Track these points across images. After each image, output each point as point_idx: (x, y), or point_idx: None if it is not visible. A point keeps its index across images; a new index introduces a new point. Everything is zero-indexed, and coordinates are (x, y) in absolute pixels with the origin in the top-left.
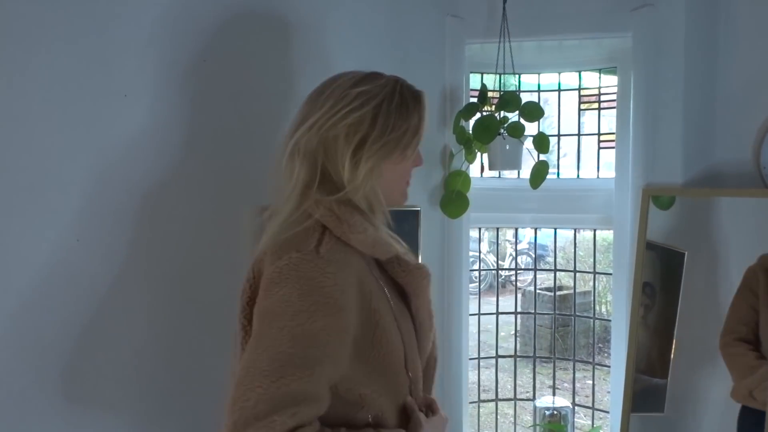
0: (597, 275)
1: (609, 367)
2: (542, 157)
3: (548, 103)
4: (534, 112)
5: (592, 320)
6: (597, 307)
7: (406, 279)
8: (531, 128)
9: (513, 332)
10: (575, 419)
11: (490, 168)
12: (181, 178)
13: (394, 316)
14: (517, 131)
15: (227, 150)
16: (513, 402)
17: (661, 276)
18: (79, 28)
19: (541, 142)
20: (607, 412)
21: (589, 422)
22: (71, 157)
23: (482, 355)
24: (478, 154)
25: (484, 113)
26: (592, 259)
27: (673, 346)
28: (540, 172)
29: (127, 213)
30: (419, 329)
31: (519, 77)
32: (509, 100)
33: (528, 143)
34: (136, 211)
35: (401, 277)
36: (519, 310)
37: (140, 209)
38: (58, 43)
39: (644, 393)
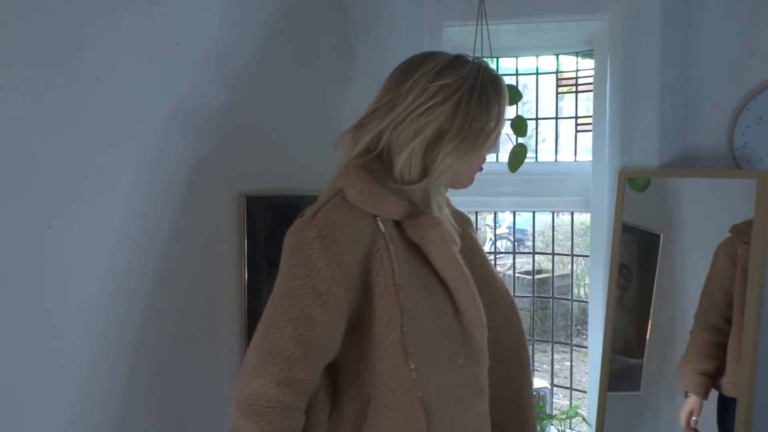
0: (575, 258)
1: (587, 348)
2: (520, 140)
3: (527, 87)
4: (512, 95)
5: (570, 302)
6: (575, 290)
7: (417, 233)
8: (509, 112)
9: None
10: (554, 400)
11: None
12: (160, 165)
13: (402, 288)
14: None
15: (207, 137)
16: None
17: (637, 257)
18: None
19: (519, 125)
20: (585, 392)
21: (568, 402)
22: (42, 140)
23: None
24: None
25: None
26: (570, 243)
27: (649, 327)
28: (518, 155)
29: (103, 199)
30: (455, 294)
31: (497, 61)
32: None
33: (506, 127)
34: (112, 199)
35: (415, 235)
36: None
37: (118, 196)
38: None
39: (621, 373)
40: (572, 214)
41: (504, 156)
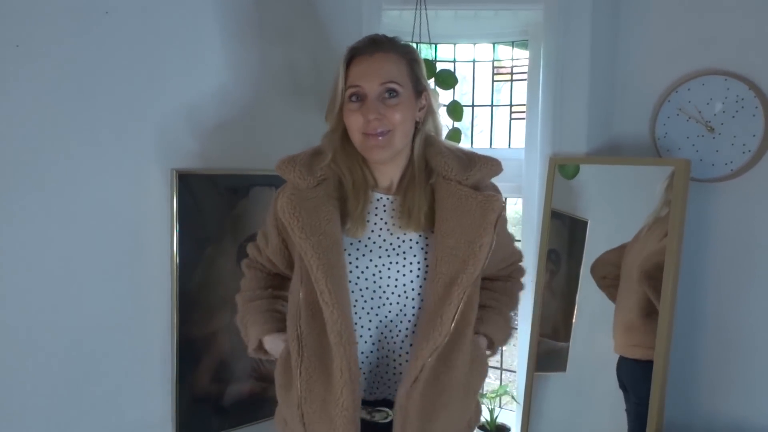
0: None
1: (518, 330)
2: (456, 125)
3: (466, 79)
4: (448, 79)
5: None
6: None
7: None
8: (445, 97)
9: None
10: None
11: None
12: (86, 139)
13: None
14: None
15: (139, 112)
16: None
17: (567, 243)
18: None
19: (455, 110)
20: (515, 371)
21: (499, 382)
22: None
23: None
24: None
25: None
26: None
27: (575, 311)
28: (453, 140)
29: (22, 175)
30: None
31: (435, 47)
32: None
33: (442, 112)
34: (33, 174)
35: None
36: None
37: (40, 171)
38: None
39: (549, 354)
40: (505, 199)
41: None
